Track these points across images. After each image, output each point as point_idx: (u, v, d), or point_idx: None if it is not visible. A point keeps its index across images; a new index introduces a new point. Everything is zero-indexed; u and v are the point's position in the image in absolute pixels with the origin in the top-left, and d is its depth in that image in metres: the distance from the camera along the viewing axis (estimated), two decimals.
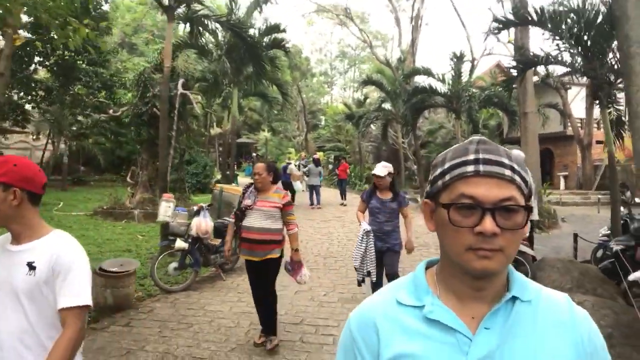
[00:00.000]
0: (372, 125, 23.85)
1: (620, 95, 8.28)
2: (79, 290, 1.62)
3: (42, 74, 23.44)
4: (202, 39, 10.88)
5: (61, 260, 1.62)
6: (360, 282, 5.09)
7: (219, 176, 20.76)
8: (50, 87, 22.15)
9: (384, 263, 4.84)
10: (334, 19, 33.83)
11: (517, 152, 6.86)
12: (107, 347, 4.10)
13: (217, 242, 6.52)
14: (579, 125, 21.55)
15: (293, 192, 15.80)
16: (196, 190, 18.25)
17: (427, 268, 0.95)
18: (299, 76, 35.21)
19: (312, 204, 15.67)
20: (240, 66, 13.09)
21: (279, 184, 4.57)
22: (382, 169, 4.92)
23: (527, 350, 0.82)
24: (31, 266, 1.59)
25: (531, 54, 9.27)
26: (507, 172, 0.81)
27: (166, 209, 6.17)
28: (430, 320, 0.85)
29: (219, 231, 6.39)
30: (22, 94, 23.57)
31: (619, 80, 7.65)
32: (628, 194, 15.64)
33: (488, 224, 0.79)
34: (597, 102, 7.64)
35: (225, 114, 17.93)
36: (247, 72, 14.43)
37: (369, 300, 0.96)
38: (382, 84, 20.03)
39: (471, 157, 0.83)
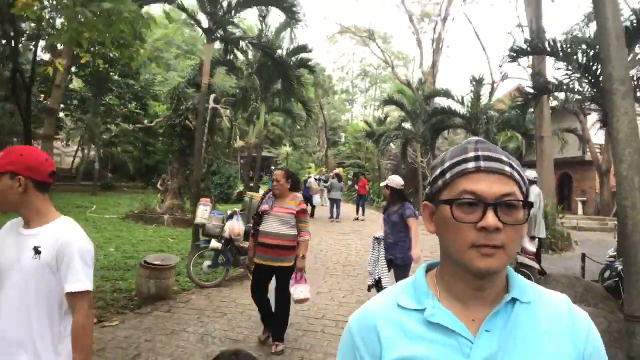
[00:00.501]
0: (392, 144, 24.40)
1: None
2: (83, 276, 1.70)
3: (76, 84, 24.73)
4: (234, 57, 11.66)
5: (66, 247, 1.70)
6: (370, 287, 5.27)
7: (241, 187, 21.49)
8: (84, 97, 23.35)
9: (394, 275, 5.04)
10: (357, 39, 34.78)
11: (530, 173, 7.37)
12: (153, 327, 4.70)
13: (247, 244, 7.12)
14: (598, 151, 21.71)
15: (313, 206, 16.42)
16: (220, 200, 18.98)
17: (427, 271, 0.97)
18: (321, 94, 36.08)
19: (332, 217, 16.23)
20: (268, 83, 13.88)
21: (298, 194, 4.60)
22: (385, 181, 5.23)
23: (527, 352, 0.83)
24: (37, 250, 1.68)
25: (547, 80, 9.76)
26: (507, 169, 0.84)
27: (203, 212, 6.80)
28: (431, 324, 0.86)
29: (249, 235, 7.00)
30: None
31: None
32: None
33: (491, 219, 0.80)
34: (606, 129, 8.07)
35: (250, 128, 18.69)
36: (274, 89, 15.23)
37: (369, 304, 0.96)
38: (402, 104, 20.60)
39: (471, 154, 0.85)
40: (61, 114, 24.64)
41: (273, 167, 37.74)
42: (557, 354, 0.84)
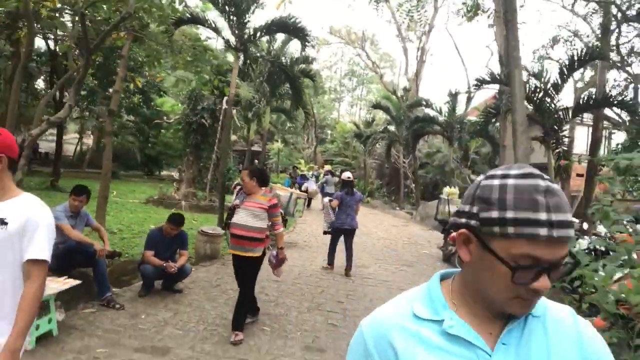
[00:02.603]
0: (377, 145, 26.75)
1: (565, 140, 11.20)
2: (43, 246, 1.79)
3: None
4: (251, 68, 13.77)
5: (33, 218, 1.78)
6: (325, 233, 8.35)
7: (238, 179, 23.57)
8: (93, 88, 25.03)
9: (346, 238, 7.87)
10: (348, 43, 36.98)
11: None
12: (219, 272, 6.88)
13: None
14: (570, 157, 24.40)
15: (309, 199, 18.59)
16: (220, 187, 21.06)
17: (441, 280, 0.97)
18: (312, 93, 38.22)
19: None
20: (274, 89, 16.01)
21: (268, 188, 5.00)
22: (344, 175, 8.52)
23: None
24: (3, 222, 1.75)
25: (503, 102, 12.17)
26: (572, 232, 0.80)
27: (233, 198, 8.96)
28: (449, 335, 0.86)
29: None
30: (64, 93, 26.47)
31: (563, 129, 10.56)
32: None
33: (546, 283, 0.80)
34: (545, 144, 10.51)
35: (251, 125, 20.79)
36: (278, 93, 17.35)
37: (383, 311, 0.96)
38: (388, 108, 22.94)
39: (543, 216, 0.78)
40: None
41: (256, 161, 39.86)
42: None
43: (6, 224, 1.75)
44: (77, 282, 4.53)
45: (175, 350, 4.09)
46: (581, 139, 24.48)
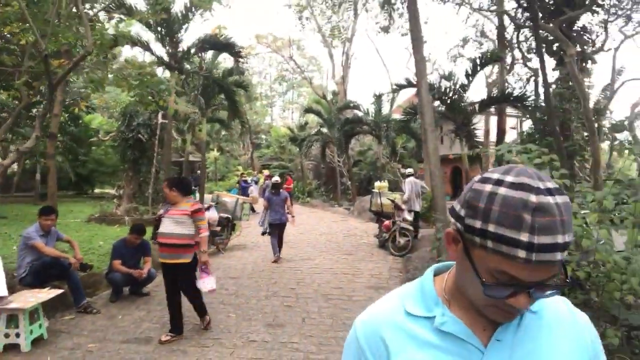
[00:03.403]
0: (312, 146, 27.87)
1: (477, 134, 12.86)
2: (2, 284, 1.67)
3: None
4: (186, 83, 14.29)
5: None
6: (263, 234, 9.34)
7: None
8: (12, 108, 24.02)
9: (278, 229, 9.11)
10: (275, 51, 37.91)
11: (407, 170, 11.02)
12: None
13: (218, 229, 10.00)
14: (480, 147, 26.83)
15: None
16: (163, 200, 21.18)
17: (434, 275, 0.95)
18: (244, 100, 38.70)
19: None
20: (208, 101, 16.57)
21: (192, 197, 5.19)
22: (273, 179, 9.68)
23: (537, 359, 0.83)
24: None
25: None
26: (559, 256, 0.74)
27: None
28: (441, 332, 0.85)
29: (222, 223, 9.91)
30: None
31: (472, 123, 12.14)
32: None
33: (523, 302, 0.77)
34: (458, 137, 12.04)
35: (187, 136, 21.11)
36: (211, 105, 17.88)
37: (375, 307, 0.95)
38: (320, 112, 24.12)
39: (525, 237, 0.73)
40: None
41: (199, 171, 39.81)
42: (566, 358, 0.84)
43: None
44: (60, 290, 5.09)
45: (157, 339, 4.78)
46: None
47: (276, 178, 9.95)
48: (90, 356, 4.37)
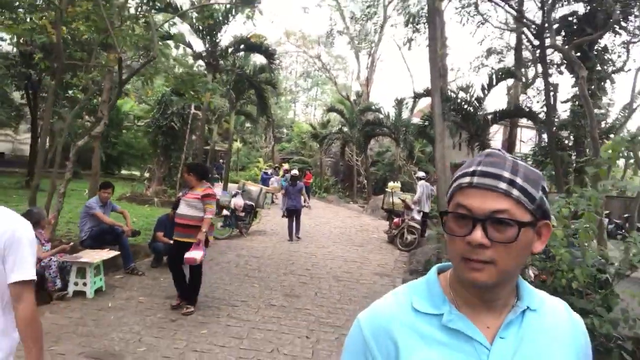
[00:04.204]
0: (332, 144, 28.76)
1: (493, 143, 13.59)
2: (30, 265, 1.67)
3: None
4: (219, 78, 15.34)
5: (15, 236, 1.64)
6: (283, 215, 11.21)
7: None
8: (49, 90, 25.47)
9: (296, 216, 10.79)
10: (301, 42, 38.83)
11: (420, 173, 11.83)
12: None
13: (243, 214, 11.00)
14: None
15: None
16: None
17: (439, 273, 0.97)
18: (269, 95, 39.76)
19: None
20: (238, 95, 17.60)
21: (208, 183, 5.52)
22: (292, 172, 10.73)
23: (539, 357, 0.86)
24: None
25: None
26: (502, 185, 0.82)
27: (218, 190, 10.57)
28: (448, 329, 0.87)
29: (244, 208, 10.90)
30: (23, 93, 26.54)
31: (487, 133, 12.87)
32: None
33: (476, 234, 0.81)
34: (470, 147, 12.79)
35: (214, 127, 22.20)
36: (241, 99, 18.95)
37: (381, 304, 0.95)
38: (342, 112, 24.98)
39: (471, 168, 0.86)
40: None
41: (222, 160, 41.09)
42: (563, 358, 0.88)
43: None
44: (117, 252, 6.12)
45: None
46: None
47: (294, 171, 11.40)
48: (142, 305, 5.37)
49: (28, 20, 8.36)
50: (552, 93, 19.61)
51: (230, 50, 12.37)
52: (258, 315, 5.27)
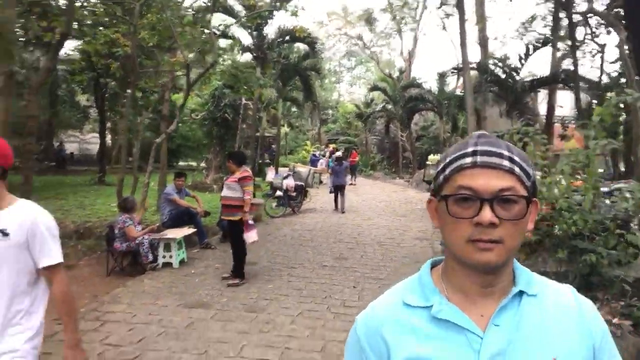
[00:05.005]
0: (376, 122, 29.35)
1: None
2: (55, 250, 1.85)
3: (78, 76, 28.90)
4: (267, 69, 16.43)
5: (36, 225, 1.80)
6: (330, 191, 12.86)
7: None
8: (117, 92, 27.64)
9: (341, 192, 12.26)
10: (344, 21, 39.18)
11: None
12: (268, 228, 9.69)
13: (294, 194, 12.10)
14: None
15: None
16: None
17: (432, 267, 0.96)
18: (314, 77, 40.61)
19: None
20: (285, 83, 18.66)
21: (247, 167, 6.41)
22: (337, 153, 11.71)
23: (536, 345, 0.83)
24: (4, 233, 1.74)
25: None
26: (506, 163, 0.82)
27: (270, 174, 11.72)
28: (439, 320, 0.85)
29: (295, 188, 12.01)
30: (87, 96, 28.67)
31: (524, 101, 13.18)
32: None
33: (487, 214, 0.79)
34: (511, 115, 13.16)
35: (263, 114, 23.46)
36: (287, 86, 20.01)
37: (375, 303, 0.96)
38: (385, 89, 25.49)
39: (470, 149, 0.84)
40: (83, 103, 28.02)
41: (273, 146, 42.72)
42: (565, 345, 0.83)
43: (7, 234, 1.75)
44: (195, 230, 7.37)
45: (260, 264, 6.90)
46: (565, 103, 27.00)
47: (339, 153, 12.86)
48: (218, 271, 6.57)
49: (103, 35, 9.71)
50: (600, 54, 19.27)
51: (276, 42, 13.33)
52: (313, 273, 6.34)
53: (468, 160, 0.83)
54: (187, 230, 7.29)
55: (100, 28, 9.17)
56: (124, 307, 5.03)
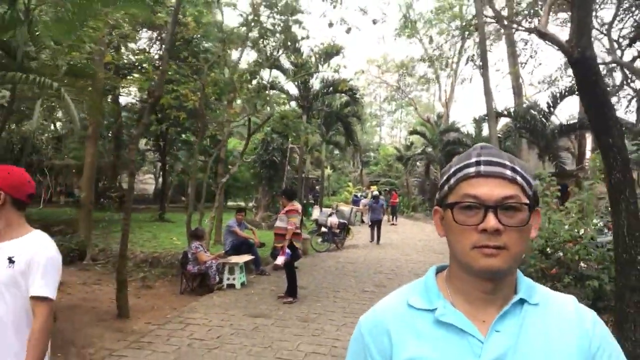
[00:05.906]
0: (417, 164, 30.25)
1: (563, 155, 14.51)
2: (47, 283, 1.81)
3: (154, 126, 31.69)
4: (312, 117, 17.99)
5: (38, 256, 1.82)
6: (370, 225, 14.56)
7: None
8: (171, 138, 30.07)
9: (377, 226, 13.90)
10: (384, 68, 40.95)
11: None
12: (305, 262, 10.73)
13: (338, 231, 13.15)
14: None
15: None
16: None
17: (437, 273, 0.99)
18: (355, 122, 42.28)
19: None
20: (328, 128, 20.13)
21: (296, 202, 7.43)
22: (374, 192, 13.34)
23: (537, 352, 0.84)
24: (11, 260, 1.79)
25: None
26: (508, 173, 0.86)
27: (316, 212, 12.86)
28: (442, 324, 0.88)
29: (342, 226, 13.08)
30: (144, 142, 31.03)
31: (556, 146, 13.88)
32: None
33: (491, 221, 0.82)
34: (541, 159, 13.86)
35: (307, 157, 24.95)
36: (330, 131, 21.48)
37: (379, 304, 0.99)
38: (425, 133, 26.56)
39: (473, 159, 0.88)
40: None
41: (317, 187, 44.28)
42: (564, 353, 0.85)
43: (13, 262, 1.78)
44: (252, 257, 8.56)
45: (309, 288, 7.94)
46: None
47: (375, 192, 14.53)
48: (274, 292, 7.66)
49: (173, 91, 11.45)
50: (635, 99, 19.66)
51: (320, 93, 14.83)
52: (355, 297, 7.32)
53: (472, 170, 0.87)
54: (247, 257, 8.48)
55: (170, 85, 10.85)
56: (201, 315, 6.18)
